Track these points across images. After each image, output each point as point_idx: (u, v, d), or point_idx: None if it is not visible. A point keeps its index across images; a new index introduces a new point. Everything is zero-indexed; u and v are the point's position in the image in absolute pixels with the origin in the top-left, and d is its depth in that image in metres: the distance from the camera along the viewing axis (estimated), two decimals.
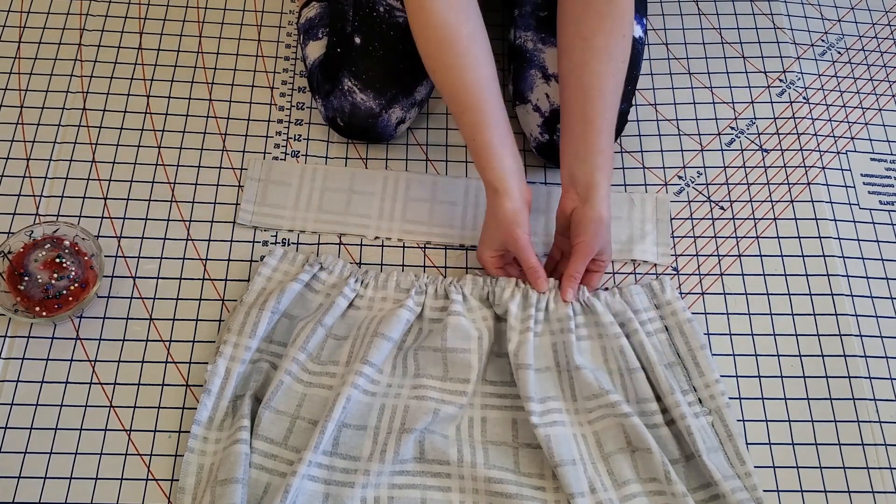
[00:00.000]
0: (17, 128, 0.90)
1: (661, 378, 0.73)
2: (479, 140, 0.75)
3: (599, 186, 0.75)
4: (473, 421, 0.74)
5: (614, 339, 0.75)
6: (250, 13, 1.00)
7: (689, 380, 0.75)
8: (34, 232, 0.79)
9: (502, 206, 0.74)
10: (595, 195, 0.74)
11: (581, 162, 0.75)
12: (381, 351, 0.74)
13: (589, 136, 0.75)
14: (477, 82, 0.74)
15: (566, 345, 0.75)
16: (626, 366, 0.74)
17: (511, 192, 0.74)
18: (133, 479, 0.72)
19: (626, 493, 0.70)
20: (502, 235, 0.76)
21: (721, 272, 0.85)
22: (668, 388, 0.73)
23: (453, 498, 0.70)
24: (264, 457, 0.70)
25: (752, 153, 0.93)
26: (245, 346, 0.74)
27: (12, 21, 0.97)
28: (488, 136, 0.74)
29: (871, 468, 0.76)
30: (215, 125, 0.91)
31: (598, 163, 0.75)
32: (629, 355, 0.74)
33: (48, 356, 0.78)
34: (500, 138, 0.75)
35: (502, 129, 0.75)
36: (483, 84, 0.74)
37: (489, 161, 0.74)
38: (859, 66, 1.00)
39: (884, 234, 0.88)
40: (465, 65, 0.74)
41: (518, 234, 0.74)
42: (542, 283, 0.76)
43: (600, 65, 0.75)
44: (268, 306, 0.75)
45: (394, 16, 0.84)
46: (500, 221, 0.75)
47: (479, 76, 0.74)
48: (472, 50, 0.75)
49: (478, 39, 0.75)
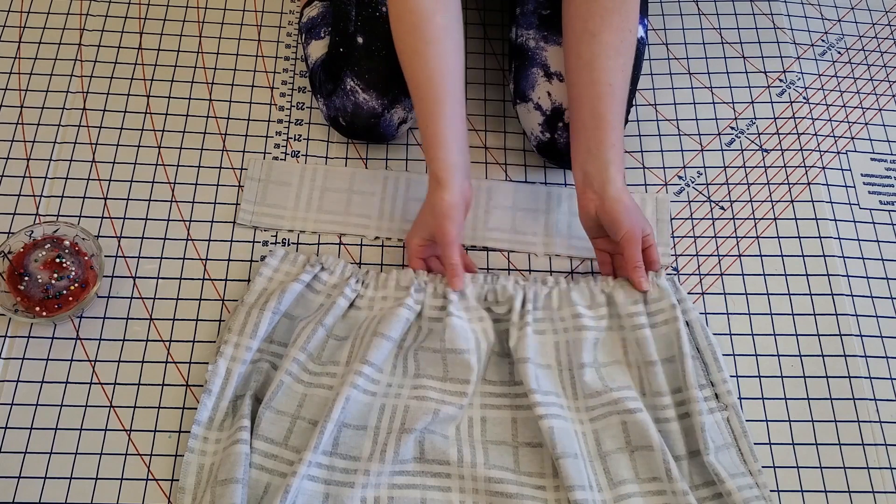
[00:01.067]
0: (17, 128, 0.90)
1: (688, 370, 0.73)
2: (430, 129, 0.75)
3: (615, 180, 0.75)
4: (473, 421, 0.74)
5: (633, 330, 0.75)
6: (250, 13, 1.00)
7: (706, 374, 0.75)
8: (34, 232, 0.79)
9: (440, 197, 0.75)
10: (612, 188, 0.74)
11: (594, 158, 0.76)
12: (381, 350, 0.74)
13: (600, 132, 0.75)
14: (440, 73, 0.75)
15: (573, 343, 0.75)
16: (644, 358, 0.74)
17: (451, 185, 0.75)
18: (133, 479, 0.72)
19: (621, 493, 0.70)
20: (433, 226, 0.76)
21: (721, 272, 0.85)
22: (694, 381, 0.73)
23: (453, 498, 0.70)
24: (264, 457, 0.70)
25: (752, 153, 0.93)
26: (246, 346, 0.74)
27: (12, 21, 0.97)
28: (441, 128, 0.75)
29: (871, 468, 0.76)
30: (215, 125, 0.91)
31: (611, 157, 0.75)
32: (648, 348, 0.74)
33: (48, 356, 0.78)
34: (451, 132, 0.75)
35: (456, 123, 0.76)
36: (445, 76, 0.75)
37: (436, 152, 0.75)
38: (859, 66, 1.00)
39: (884, 234, 0.88)
40: (432, 54, 0.75)
41: (448, 229, 0.75)
42: (457, 281, 0.76)
43: (609, 60, 0.75)
44: (269, 307, 0.75)
45: None
46: (434, 212, 0.75)
47: (443, 67, 0.75)
48: (442, 41, 0.75)
49: (450, 32, 0.76)
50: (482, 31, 1.00)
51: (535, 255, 0.85)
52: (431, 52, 0.75)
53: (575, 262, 0.85)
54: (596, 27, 0.75)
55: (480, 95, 0.95)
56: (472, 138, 0.92)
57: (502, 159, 0.91)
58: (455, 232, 0.75)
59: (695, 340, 0.76)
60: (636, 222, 0.75)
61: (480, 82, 0.96)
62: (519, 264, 0.85)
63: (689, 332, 0.76)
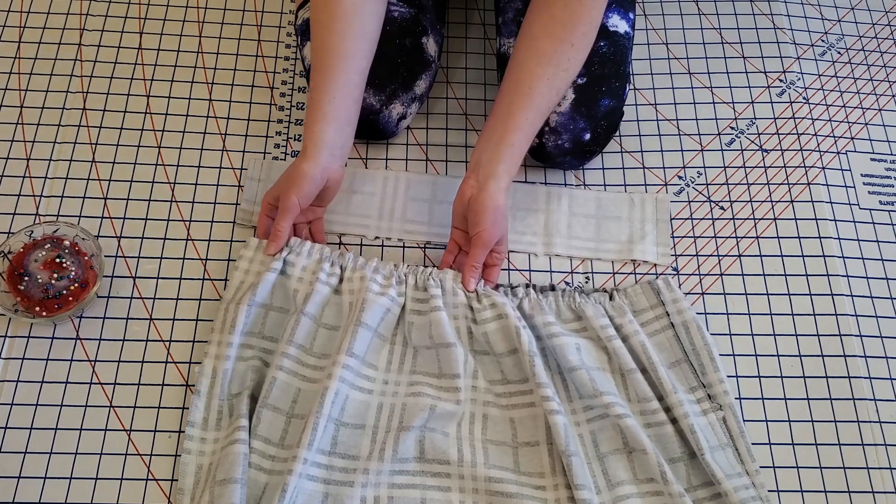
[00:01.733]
0: (17, 128, 0.90)
1: (663, 378, 0.73)
2: (315, 100, 0.76)
3: (499, 178, 0.75)
4: (473, 420, 0.74)
5: (609, 341, 0.75)
6: (250, 13, 1.00)
7: (697, 376, 0.75)
8: (34, 232, 0.79)
9: (298, 164, 0.75)
10: (493, 185, 0.74)
11: (491, 150, 0.76)
12: (363, 341, 0.73)
13: (507, 128, 0.75)
14: (338, 48, 0.76)
15: (558, 349, 0.75)
16: (623, 367, 0.75)
17: (314, 157, 0.75)
18: (133, 479, 0.72)
19: (620, 494, 0.70)
20: (280, 188, 0.77)
21: (721, 272, 0.85)
22: (671, 388, 0.73)
23: (453, 497, 0.70)
24: (262, 457, 0.70)
25: (752, 153, 0.93)
26: (227, 342, 0.74)
27: (12, 21, 0.97)
28: (323, 102, 0.76)
29: (871, 468, 0.76)
30: (215, 125, 0.91)
31: (505, 155, 0.75)
32: (624, 357, 0.74)
33: (48, 356, 0.78)
34: (333, 109, 0.76)
35: (342, 102, 0.76)
36: (343, 53, 0.76)
37: (313, 124, 0.76)
38: (859, 66, 1.00)
39: (884, 234, 0.88)
40: (336, 29, 0.76)
41: (289, 195, 0.75)
42: (271, 246, 0.77)
43: (538, 67, 0.75)
44: (244, 300, 0.75)
45: (389, 10, 0.84)
46: (287, 176, 0.77)
47: (343, 44, 0.76)
48: (349, 20, 0.76)
49: (361, 14, 0.76)
50: (482, 32, 1.00)
51: (534, 255, 0.85)
52: (335, 26, 0.76)
53: (575, 262, 0.85)
54: (537, 31, 0.76)
55: (480, 95, 0.95)
56: (472, 138, 0.92)
57: None
58: (294, 199, 0.75)
59: (691, 341, 0.76)
60: (497, 229, 0.75)
61: (480, 82, 0.96)
62: (519, 264, 0.85)
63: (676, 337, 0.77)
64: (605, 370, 0.76)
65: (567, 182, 0.90)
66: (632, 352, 0.75)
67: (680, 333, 0.77)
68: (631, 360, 0.75)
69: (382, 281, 0.77)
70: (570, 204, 0.87)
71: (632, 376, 0.74)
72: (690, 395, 0.75)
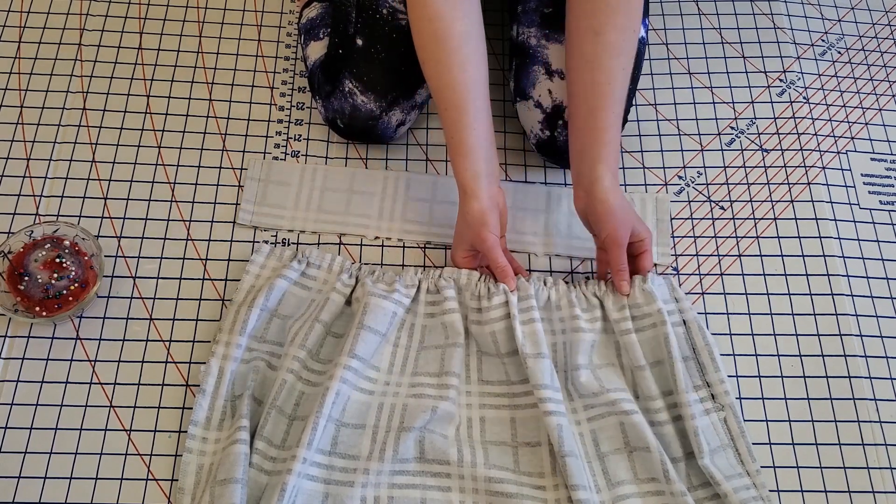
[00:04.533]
0: (17, 128, 0.90)
1: (679, 374, 0.73)
2: (456, 139, 0.75)
3: (602, 179, 0.74)
4: (472, 421, 0.74)
5: (622, 335, 0.75)
6: (250, 13, 1.00)
7: (702, 375, 0.75)
8: (34, 232, 0.79)
9: (470, 207, 0.75)
10: (599, 188, 0.74)
11: (586, 157, 0.75)
12: (368, 344, 0.74)
13: (595, 131, 0.75)
14: (463, 81, 0.75)
15: (570, 345, 0.75)
16: (634, 363, 0.74)
17: (479, 193, 0.75)
18: (133, 479, 0.73)
19: (620, 494, 0.70)
20: (471, 236, 0.76)
21: (721, 272, 0.85)
22: (683, 386, 0.72)
23: (453, 498, 0.70)
24: (264, 458, 0.70)
25: (752, 153, 0.93)
26: (235, 343, 0.74)
27: (12, 21, 0.97)
28: (465, 136, 0.75)
29: (871, 468, 0.76)
30: (215, 125, 0.91)
31: (601, 155, 0.75)
32: (636, 352, 0.74)
33: (48, 356, 0.78)
34: (475, 139, 0.75)
35: (482, 131, 0.76)
36: (469, 84, 0.75)
37: (462, 162, 0.75)
38: (859, 66, 1.00)
39: (884, 234, 0.88)
40: (454, 62, 0.75)
41: (485, 235, 0.75)
42: (510, 281, 0.76)
43: (611, 60, 0.75)
44: (256, 303, 0.75)
45: (396, 18, 0.84)
46: (468, 222, 0.76)
47: (466, 75, 0.75)
48: (464, 48, 0.75)
49: (472, 38, 0.75)
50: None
51: (534, 255, 0.85)
52: (453, 60, 0.75)
53: (575, 262, 0.85)
54: (600, 26, 0.75)
55: None
56: None
57: (502, 159, 0.91)
58: (493, 237, 0.75)
59: (692, 340, 0.76)
60: (622, 224, 0.75)
61: None
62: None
63: (686, 334, 0.76)
64: (615, 365, 0.76)
65: (567, 182, 0.90)
66: (653, 342, 0.75)
67: (691, 330, 0.77)
68: (641, 357, 0.74)
69: (386, 287, 0.77)
70: (569, 204, 0.87)
71: (640, 373, 0.74)
72: (695, 394, 0.74)
